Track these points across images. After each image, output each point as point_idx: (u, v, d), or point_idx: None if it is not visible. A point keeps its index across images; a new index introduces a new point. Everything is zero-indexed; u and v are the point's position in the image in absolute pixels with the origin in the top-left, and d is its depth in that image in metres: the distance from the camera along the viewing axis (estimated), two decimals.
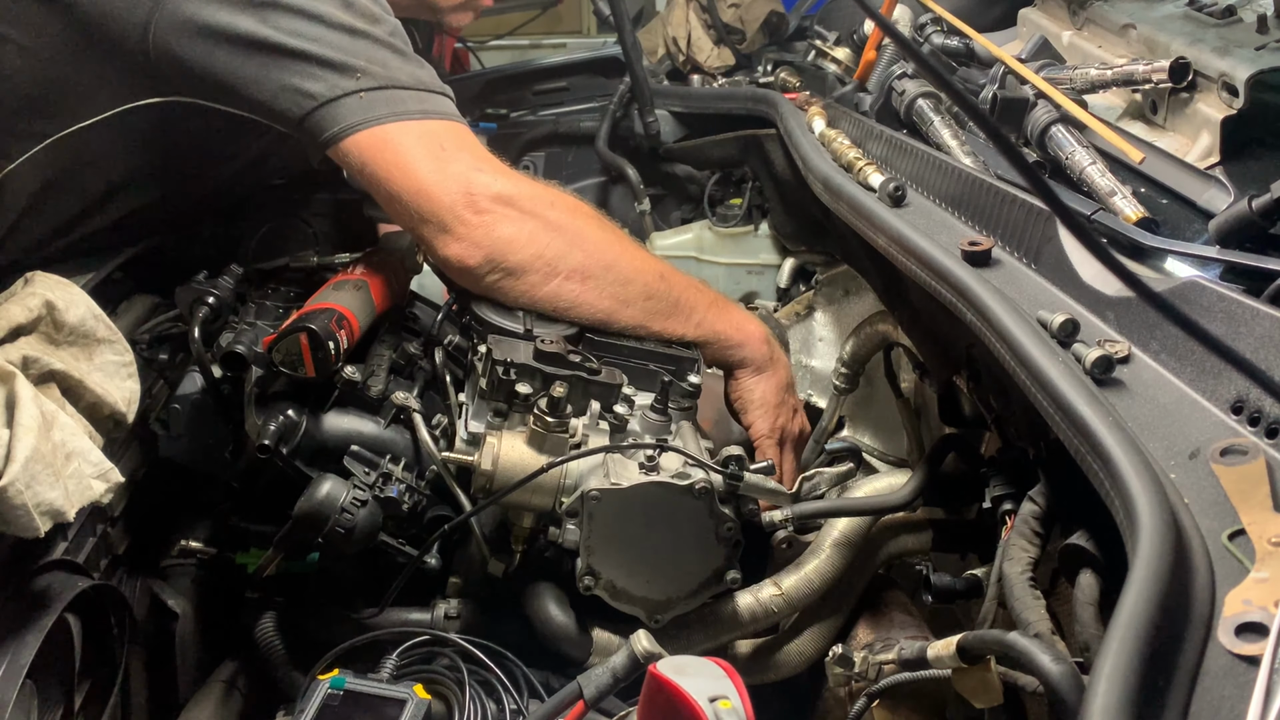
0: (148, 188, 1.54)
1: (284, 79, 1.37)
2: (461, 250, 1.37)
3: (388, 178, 1.37)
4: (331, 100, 1.37)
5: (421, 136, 1.38)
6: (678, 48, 2.40)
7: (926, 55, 1.68)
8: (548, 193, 1.45)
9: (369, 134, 1.37)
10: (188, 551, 1.49)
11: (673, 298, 1.46)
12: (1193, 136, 1.27)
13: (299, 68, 1.37)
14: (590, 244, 1.43)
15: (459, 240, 1.37)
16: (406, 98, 1.40)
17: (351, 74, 1.37)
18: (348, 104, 1.37)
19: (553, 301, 1.41)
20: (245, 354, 1.38)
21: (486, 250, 1.37)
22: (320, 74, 1.37)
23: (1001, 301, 1.01)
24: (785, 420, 1.53)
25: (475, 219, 1.36)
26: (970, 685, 0.94)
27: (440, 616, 1.37)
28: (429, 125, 1.40)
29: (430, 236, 1.38)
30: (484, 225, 1.37)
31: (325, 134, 1.37)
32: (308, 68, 1.37)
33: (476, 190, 1.37)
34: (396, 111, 1.38)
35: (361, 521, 1.28)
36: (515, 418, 1.33)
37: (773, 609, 1.34)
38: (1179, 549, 0.70)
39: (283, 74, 1.37)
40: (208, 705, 1.42)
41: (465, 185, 1.37)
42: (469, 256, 1.37)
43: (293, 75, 1.37)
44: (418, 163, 1.37)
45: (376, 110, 1.37)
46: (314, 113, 1.37)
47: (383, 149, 1.37)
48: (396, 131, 1.37)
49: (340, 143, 1.37)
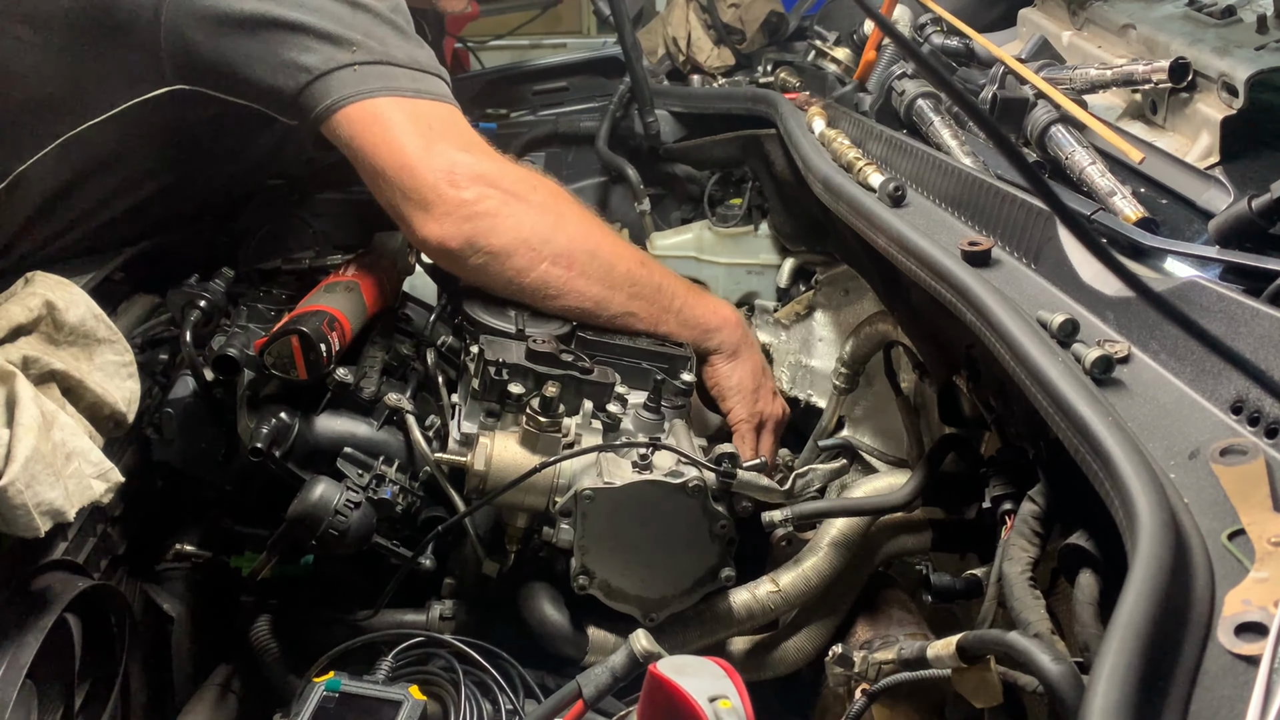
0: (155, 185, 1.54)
1: (282, 53, 1.38)
2: (443, 230, 1.36)
3: (374, 152, 1.37)
4: (325, 73, 1.37)
5: (411, 114, 1.39)
6: (678, 48, 2.39)
7: (926, 55, 1.68)
8: (530, 177, 1.45)
9: (359, 107, 1.37)
10: (182, 555, 1.49)
11: (655, 282, 1.47)
12: (1192, 136, 1.27)
13: (297, 40, 1.37)
14: (573, 229, 1.43)
15: (440, 220, 1.36)
16: (400, 75, 1.40)
17: (347, 46, 1.38)
18: (341, 76, 1.37)
19: (542, 288, 1.41)
20: (237, 357, 1.38)
21: (468, 232, 1.37)
22: (316, 46, 1.37)
23: (1001, 301, 1.01)
24: (764, 404, 1.52)
25: (456, 196, 1.36)
26: (970, 685, 0.94)
27: (435, 617, 1.37)
28: (420, 104, 1.40)
29: (411, 215, 1.38)
30: (465, 205, 1.36)
31: (318, 108, 1.37)
32: (305, 40, 1.37)
33: (459, 170, 1.37)
34: (390, 87, 1.38)
35: (355, 523, 1.27)
36: (508, 418, 1.33)
37: (770, 606, 1.34)
38: (1179, 549, 0.70)
39: (281, 48, 1.37)
40: (204, 709, 1.42)
41: (449, 164, 1.37)
42: (450, 238, 1.37)
43: (290, 49, 1.37)
44: (404, 139, 1.37)
45: (369, 83, 1.37)
46: (308, 87, 1.37)
47: (371, 123, 1.37)
48: (387, 106, 1.38)
49: (332, 116, 1.37)
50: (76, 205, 1.49)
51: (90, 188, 1.49)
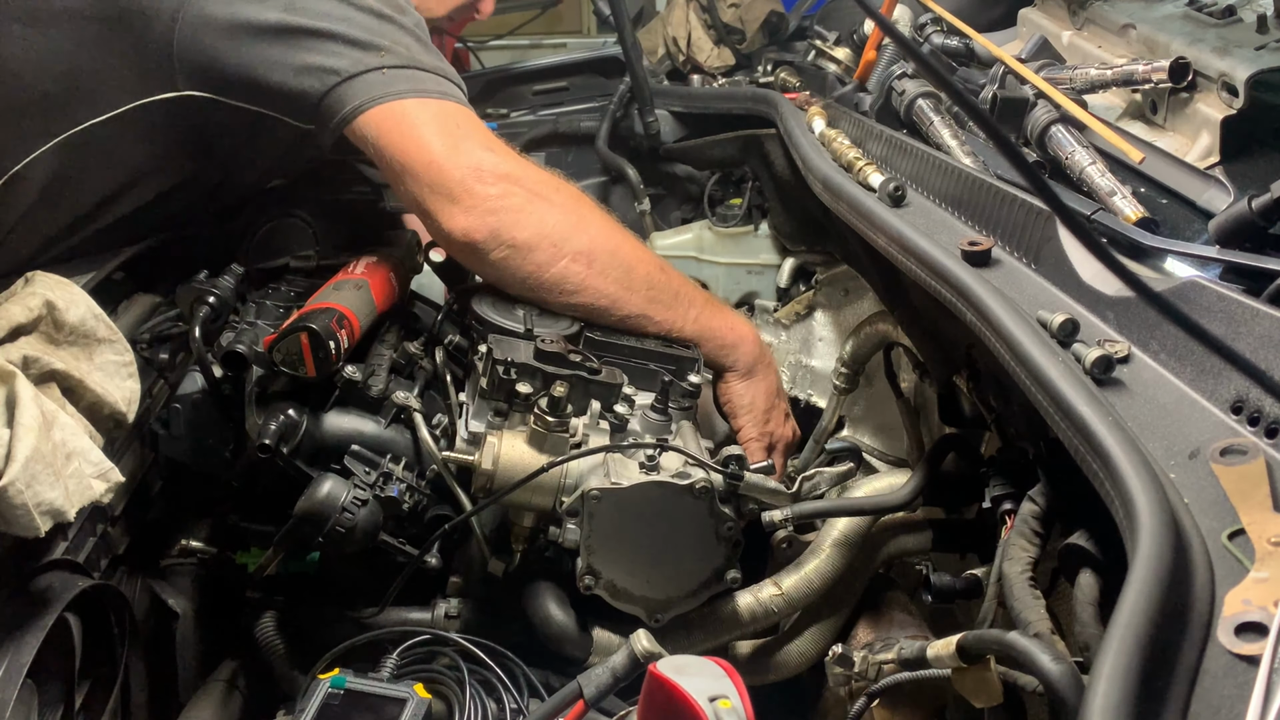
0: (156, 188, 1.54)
1: (307, 58, 1.40)
2: (468, 223, 1.38)
3: (402, 150, 1.39)
4: (355, 75, 1.40)
5: (438, 114, 1.42)
6: (678, 48, 2.39)
7: (926, 55, 1.68)
8: (552, 179, 1.48)
9: (388, 108, 1.39)
10: (188, 551, 1.49)
11: (673, 289, 1.49)
12: (1193, 136, 1.27)
13: (324, 46, 1.40)
14: (594, 229, 1.46)
15: (466, 212, 1.38)
16: (426, 78, 1.43)
17: (376, 51, 1.41)
18: (370, 79, 1.40)
19: (560, 283, 1.42)
20: (246, 353, 1.38)
21: (493, 225, 1.39)
22: (345, 51, 1.40)
23: (1001, 301, 1.01)
24: (775, 426, 1.53)
25: (483, 191, 1.39)
26: (970, 685, 0.94)
27: (440, 616, 1.37)
28: (446, 105, 1.43)
29: (438, 209, 1.40)
30: (491, 199, 1.39)
31: (345, 109, 1.40)
32: (333, 46, 1.40)
33: (485, 167, 1.40)
34: (417, 88, 1.41)
35: (362, 521, 1.28)
36: (516, 417, 1.33)
37: (773, 609, 1.35)
38: (1179, 549, 0.71)
39: (307, 54, 1.40)
40: (208, 705, 1.42)
41: (475, 161, 1.39)
42: (475, 230, 1.39)
43: (316, 54, 1.40)
44: (431, 137, 1.39)
45: (398, 85, 1.40)
46: (336, 88, 1.40)
47: (399, 121, 1.40)
48: (415, 107, 1.40)
49: (358, 118, 1.39)
50: (77, 206, 1.49)
51: (90, 188, 1.48)
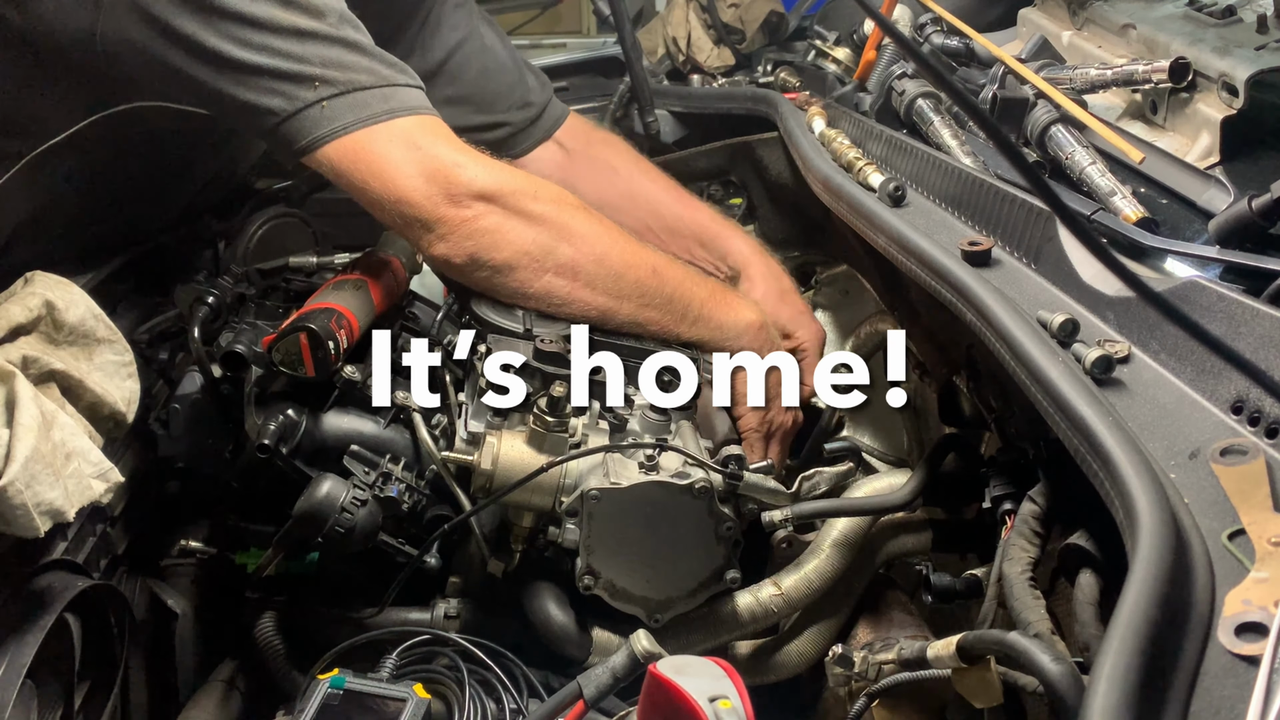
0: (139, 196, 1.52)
1: (238, 94, 1.30)
2: (446, 249, 1.36)
3: (365, 186, 1.34)
4: (293, 115, 1.31)
5: (393, 139, 1.34)
6: (678, 48, 2.39)
7: (926, 55, 1.68)
8: (530, 184, 1.42)
9: (337, 145, 1.32)
10: (187, 551, 1.49)
11: (666, 293, 1.44)
12: (1193, 136, 1.27)
13: (254, 82, 1.30)
14: (578, 238, 1.41)
15: (443, 239, 1.35)
16: (370, 99, 1.34)
17: (309, 83, 1.31)
18: (310, 116, 1.31)
19: (546, 297, 1.40)
20: (245, 354, 1.38)
21: (470, 249, 1.36)
22: (276, 86, 1.30)
23: (1001, 301, 1.01)
24: (775, 413, 1.52)
25: (456, 215, 1.35)
26: (970, 685, 0.94)
27: (440, 616, 1.37)
28: (398, 125, 1.35)
29: (416, 238, 1.38)
30: (466, 223, 1.35)
31: (295, 146, 1.33)
32: (261, 81, 1.30)
33: (457, 189, 1.34)
34: (362, 117, 1.33)
35: (361, 521, 1.28)
36: (515, 417, 1.33)
37: (772, 609, 1.34)
38: (1179, 549, 0.71)
39: (237, 89, 1.30)
40: (208, 705, 1.42)
41: (445, 185, 1.34)
42: (454, 255, 1.37)
43: (248, 91, 1.30)
44: (393, 168, 1.33)
45: (342, 118, 1.32)
46: (277, 129, 1.32)
47: (355, 158, 1.33)
48: (366, 138, 1.33)
49: (312, 155, 1.33)
50: (59, 221, 1.47)
51: (68, 204, 1.46)
